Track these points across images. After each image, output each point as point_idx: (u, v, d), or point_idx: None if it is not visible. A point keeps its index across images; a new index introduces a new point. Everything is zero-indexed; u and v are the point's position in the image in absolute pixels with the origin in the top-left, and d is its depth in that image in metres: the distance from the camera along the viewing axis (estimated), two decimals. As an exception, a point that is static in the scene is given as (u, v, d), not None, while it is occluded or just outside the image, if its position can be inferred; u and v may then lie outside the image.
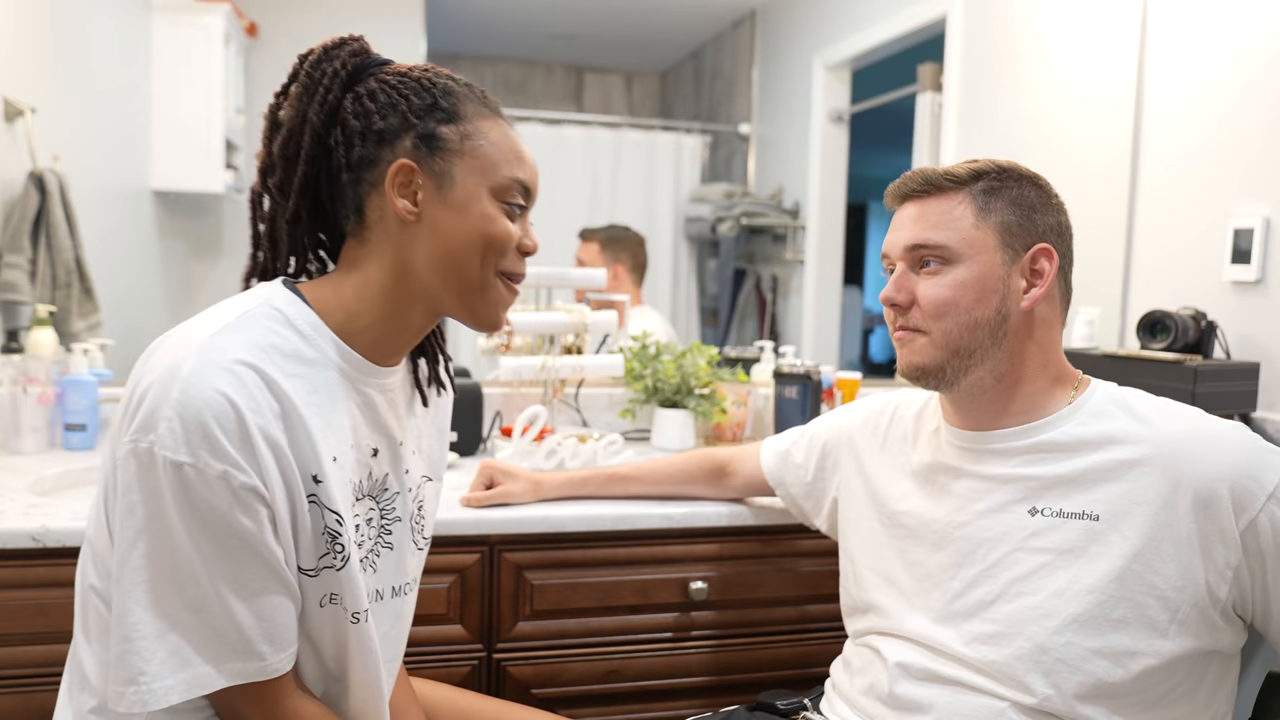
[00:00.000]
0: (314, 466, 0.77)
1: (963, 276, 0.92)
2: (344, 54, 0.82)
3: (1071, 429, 0.92)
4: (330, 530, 0.78)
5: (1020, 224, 0.94)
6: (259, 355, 0.75)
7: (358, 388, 0.82)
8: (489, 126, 0.82)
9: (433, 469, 0.95)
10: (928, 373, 0.95)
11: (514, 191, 0.82)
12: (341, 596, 0.80)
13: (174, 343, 0.75)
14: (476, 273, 0.81)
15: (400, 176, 0.79)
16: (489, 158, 0.81)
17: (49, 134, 1.72)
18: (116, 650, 0.72)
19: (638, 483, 1.35)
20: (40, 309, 1.62)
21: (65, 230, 1.70)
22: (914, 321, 0.95)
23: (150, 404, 0.71)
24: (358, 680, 0.83)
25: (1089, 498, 0.89)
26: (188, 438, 0.70)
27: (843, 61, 2.57)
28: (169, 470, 0.70)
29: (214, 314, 0.78)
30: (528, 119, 2.90)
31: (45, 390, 1.53)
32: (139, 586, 0.71)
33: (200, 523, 0.71)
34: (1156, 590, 0.85)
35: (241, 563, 0.73)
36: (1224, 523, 0.84)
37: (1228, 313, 1.58)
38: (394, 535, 0.87)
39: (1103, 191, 1.82)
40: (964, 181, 0.94)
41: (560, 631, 1.31)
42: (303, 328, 0.79)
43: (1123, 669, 0.85)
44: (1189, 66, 1.68)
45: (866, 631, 1.05)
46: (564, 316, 1.69)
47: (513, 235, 0.82)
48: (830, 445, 1.18)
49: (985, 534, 0.94)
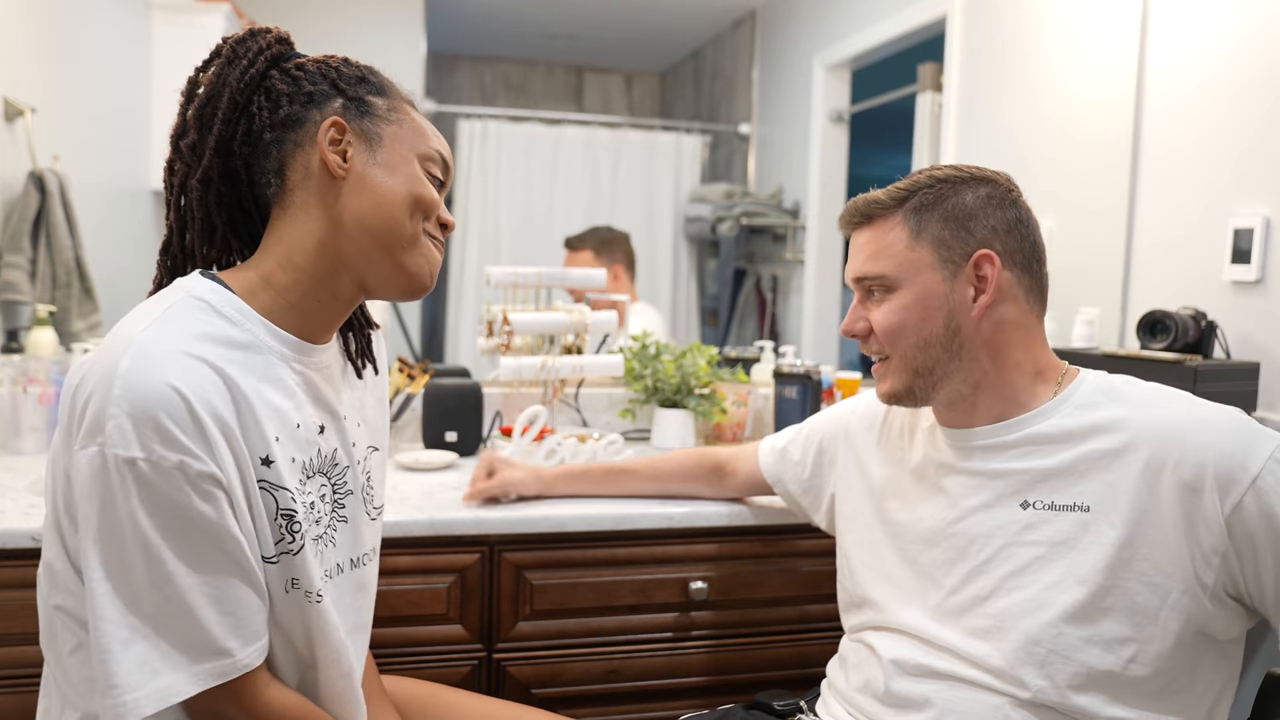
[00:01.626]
0: (262, 449, 0.76)
1: (905, 300, 0.95)
2: (270, 38, 0.85)
3: (1059, 421, 0.92)
4: (285, 512, 0.78)
5: (954, 236, 0.94)
6: (195, 343, 0.74)
7: (293, 367, 0.82)
8: (411, 111, 0.87)
9: (377, 439, 0.95)
10: (900, 396, 0.98)
11: (437, 164, 0.86)
12: (300, 580, 0.80)
13: (105, 347, 0.74)
14: (407, 227, 0.82)
15: (332, 132, 0.80)
16: (415, 129, 0.85)
17: (49, 134, 1.72)
18: (95, 661, 0.71)
19: (636, 477, 1.35)
20: (40, 309, 1.62)
21: (65, 230, 1.70)
22: (874, 348, 0.99)
23: (94, 408, 0.69)
24: (325, 659, 0.83)
25: (1079, 489, 0.89)
26: (138, 432, 0.69)
27: (843, 61, 2.57)
28: (121, 469, 0.68)
29: (138, 314, 0.77)
30: (528, 119, 2.90)
31: (45, 390, 1.53)
32: (102, 597, 0.70)
33: (160, 518, 0.70)
34: (1145, 576, 0.85)
35: (204, 555, 0.72)
36: (1208, 507, 0.83)
37: (1228, 313, 1.58)
38: (348, 509, 0.88)
39: (1103, 191, 1.82)
40: (892, 206, 0.96)
41: (560, 631, 1.31)
42: (229, 313, 0.78)
43: (1114, 656, 0.85)
44: (1189, 66, 1.68)
45: (862, 626, 1.05)
46: (564, 316, 1.68)
47: (437, 200, 0.85)
48: (827, 441, 1.18)
49: (978, 529, 0.94)
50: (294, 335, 0.82)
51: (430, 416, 1.63)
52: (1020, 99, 2.01)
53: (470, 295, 2.82)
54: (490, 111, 2.88)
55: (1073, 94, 1.89)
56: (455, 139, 2.82)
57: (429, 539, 1.25)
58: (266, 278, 0.81)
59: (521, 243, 2.84)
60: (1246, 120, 1.56)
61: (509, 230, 2.85)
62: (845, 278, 1.02)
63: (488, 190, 2.84)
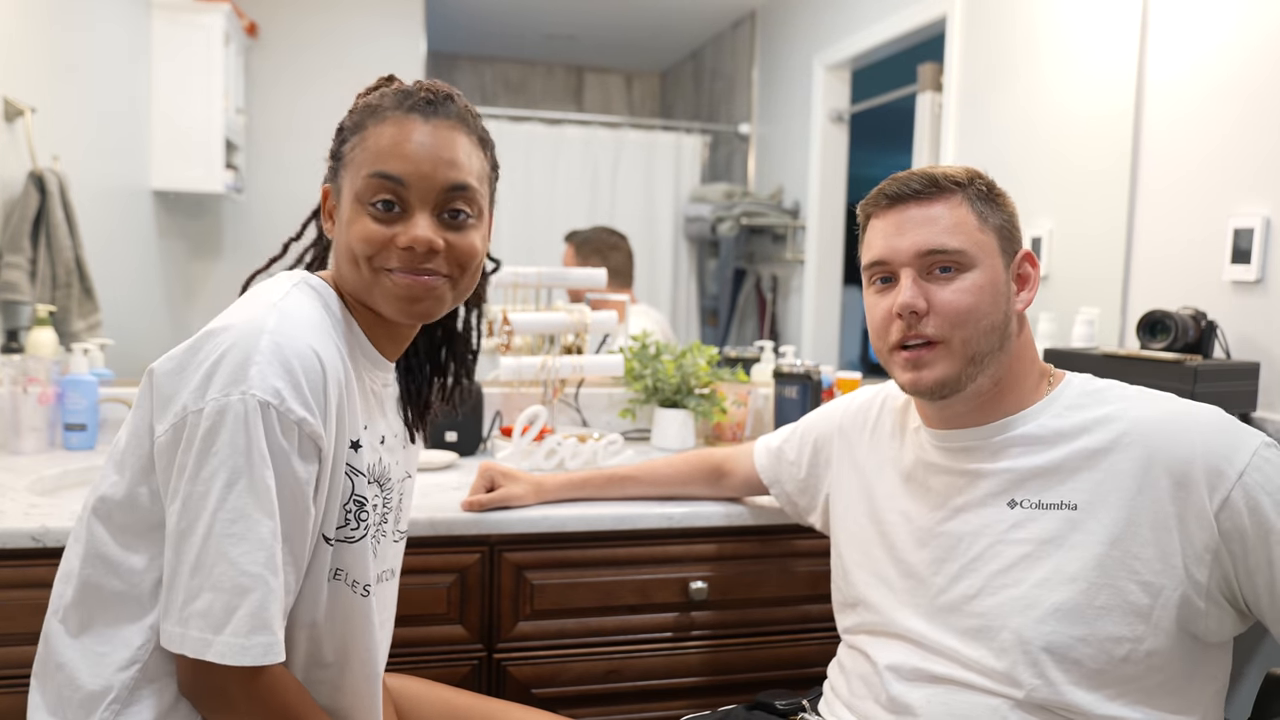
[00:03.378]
0: (354, 432, 0.81)
1: (980, 281, 0.91)
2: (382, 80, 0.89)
3: (1047, 421, 0.93)
4: (358, 497, 0.81)
5: (1009, 229, 0.95)
6: (322, 322, 0.80)
7: (372, 375, 0.87)
8: (386, 128, 0.81)
9: (411, 465, 0.99)
10: (946, 384, 0.91)
11: (370, 189, 0.80)
12: (348, 571, 0.82)
13: (237, 313, 0.77)
14: (358, 277, 0.83)
15: (325, 201, 0.87)
16: (358, 162, 0.81)
17: (49, 134, 1.71)
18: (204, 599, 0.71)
19: (637, 483, 1.35)
20: (40, 309, 1.62)
21: (65, 230, 1.70)
22: (929, 331, 0.91)
23: (235, 359, 0.73)
24: (358, 658, 0.85)
25: (1067, 487, 0.89)
26: (278, 381, 0.72)
27: (843, 61, 2.56)
28: (255, 411, 0.71)
29: (264, 290, 0.82)
30: (528, 119, 2.90)
31: (45, 390, 1.53)
32: (226, 538, 0.71)
33: (275, 463, 0.73)
34: (1137, 575, 0.85)
35: (289, 514, 0.75)
36: (1199, 504, 0.84)
37: (1228, 313, 1.58)
38: (387, 524, 0.91)
39: (1103, 191, 1.82)
40: (963, 184, 0.93)
41: (560, 631, 1.31)
42: (335, 309, 0.84)
43: (1107, 655, 0.85)
44: (1190, 65, 1.67)
45: (856, 629, 1.05)
46: (564, 316, 1.68)
47: (371, 236, 0.80)
48: (822, 440, 1.18)
49: (965, 528, 0.94)
50: (372, 346, 0.87)
51: None
52: (1020, 98, 2.01)
53: (470, 295, 2.82)
54: (490, 111, 2.86)
55: (1073, 92, 1.89)
56: (455, 139, 2.82)
57: (429, 539, 1.25)
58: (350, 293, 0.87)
59: (521, 243, 2.84)
60: (1247, 120, 1.56)
61: (509, 231, 2.84)
62: (888, 255, 0.93)
63: (488, 190, 2.83)
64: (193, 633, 0.72)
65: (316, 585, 0.80)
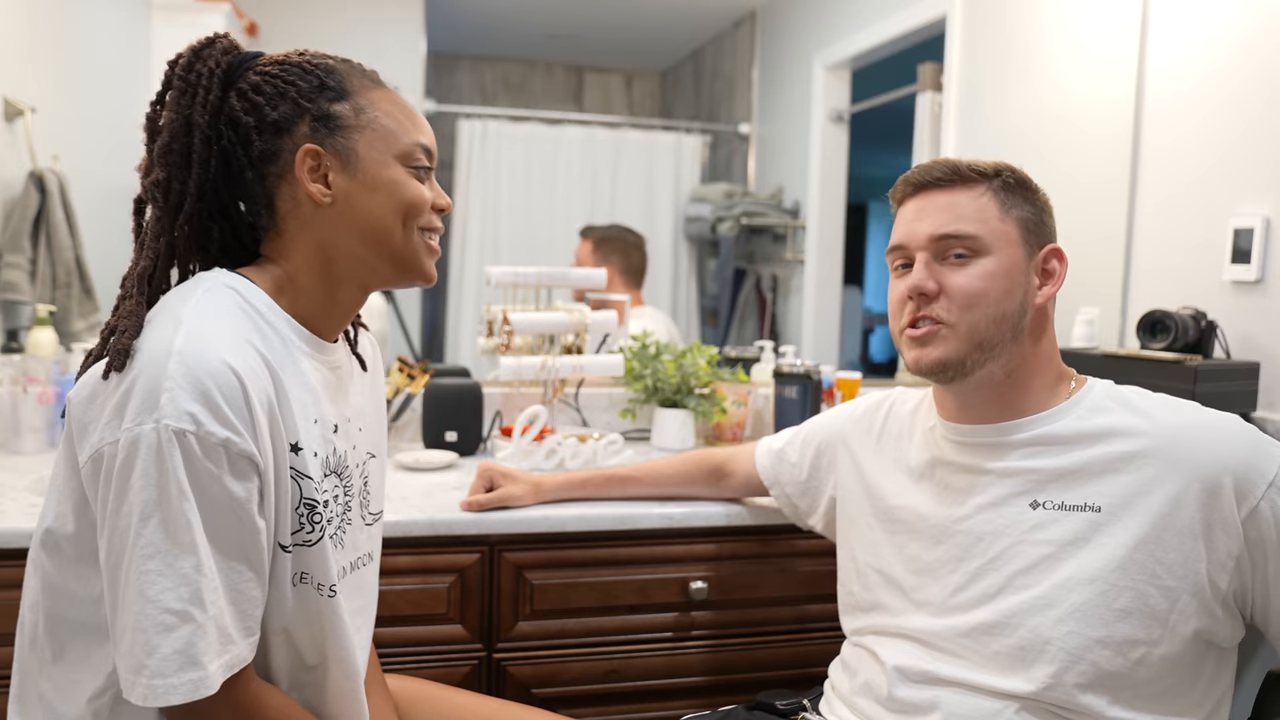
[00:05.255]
0: (293, 435, 0.78)
1: (992, 268, 0.92)
2: (215, 53, 0.81)
3: (1071, 423, 0.93)
4: (308, 501, 0.79)
5: (1036, 222, 0.96)
6: (238, 327, 0.75)
7: (312, 363, 0.83)
8: (379, 97, 0.84)
9: (375, 445, 0.95)
10: (948, 366, 0.92)
11: (417, 154, 0.84)
12: (311, 574, 0.80)
13: (149, 331, 0.74)
14: (400, 237, 0.83)
15: (309, 161, 0.80)
16: (387, 127, 0.83)
17: (49, 134, 1.71)
18: (123, 641, 0.70)
19: (637, 484, 1.35)
20: (40, 308, 1.62)
21: (65, 230, 1.70)
22: (938, 312, 0.92)
23: (146, 385, 0.70)
24: (335, 658, 0.83)
25: (1090, 490, 0.89)
26: (191, 406, 0.69)
27: (843, 61, 2.56)
28: (171, 441, 0.68)
29: (174, 299, 0.77)
30: (527, 119, 2.89)
31: (45, 390, 1.52)
32: (147, 575, 0.69)
33: (199, 495, 0.70)
34: (1158, 579, 0.85)
35: (228, 538, 0.72)
36: (1226, 511, 0.85)
37: (1228, 312, 1.58)
38: (351, 511, 0.88)
39: (1103, 191, 1.82)
40: (988, 175, 0.95)
41: (560, 631, 1.31)
42: (258, 305, 0.79)
43: (1123, 658, 0.85)
44: (1189, 65, 1.67)
45: (865, 631, 1.04)
46: (564, 316, 1.68)
47: (426, 197, 0.84)
48: (825, 444, 1.18)
49: (986, 528, 0.94)
50: (310, 331, 0.83)
51: (430, 416, 1.63)
52: (1020, 99, 2.00)
53: (470, 295, 2.82)
54: (490, 111, 2.87)
55: (1072, 93, 1.89)
56: (455, 139, 2.81)
57: (429, 539, 1.25)
58: (276, 284, 0.82)
59: (521, 243, 2.84)
60: (1247, 119, 1.56)
61: (509, 230, 2.84)
62: (906, 239, 0.95)
63: (487, 190, 2.83)
64: (124, 674, 0.70)
65: (281, 593, 0.79)
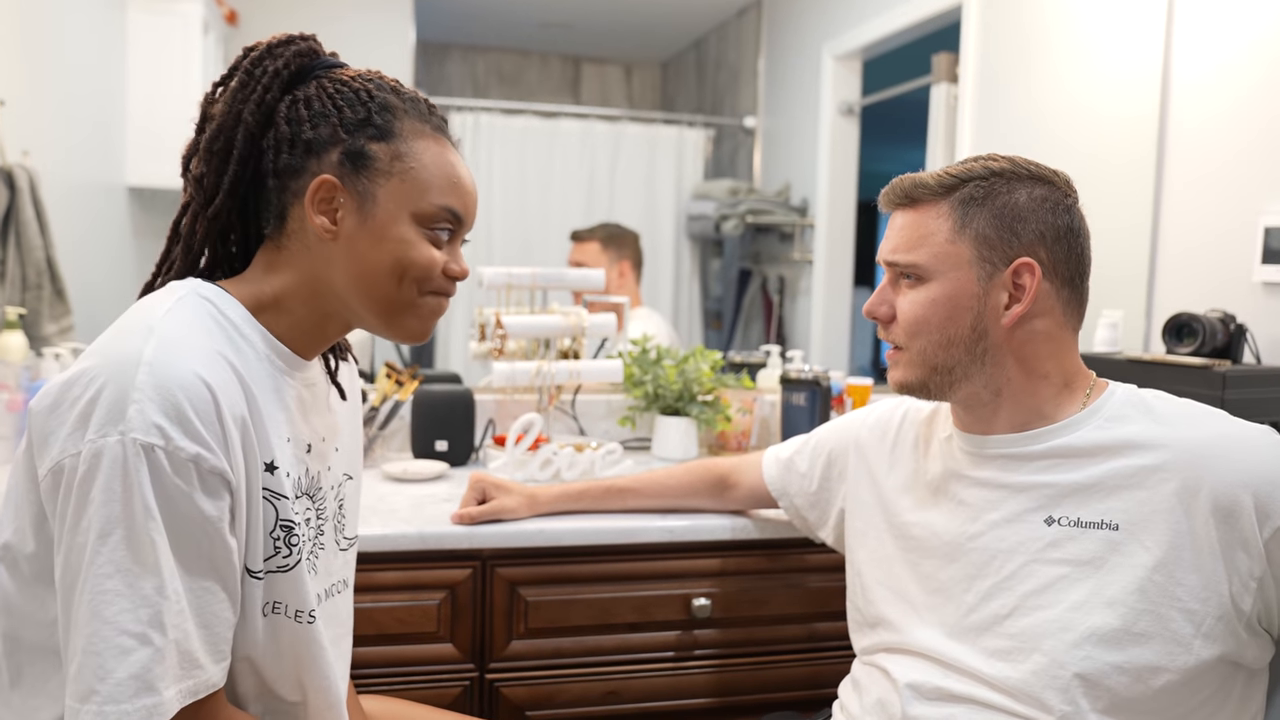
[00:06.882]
0: (267, 454, 0.77)
1: (934, 294, 0.93)
2: (289, 53, 0.81)
3: (1088, 434, 0.91)
4: (284, 523, 0.78)
5: (1000, 236, 0.91)
6: (212, 339, 0.75)
7: (287, 381, 0.82)
8: (424, 147, 0.82)
9: (351, 467, 0.95)
10: (912, 389, 0.97)
11: (440, 219, 0.82)
12: (286, 602, 0.79)
13: (113, 339, 0.73)
14: (395, 294, 0.81)
15: (321, 192, 0.79)
16: (418, 182, 0.81)
17: (19, 128, 1.70)
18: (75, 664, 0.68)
19: (636, 495, 1.34)
20: (9, 311, 1.60)
21: (36, 229, 1.70)
22: (894, 336, 0.97)
23: (112, 396, 0.68)
24: (315, 688, 0.83)
25: (1107, 505, 0.88)
26: (160, 419, 0.68)
27: (853, 51, 2.56)
28: (137, 455, 0.67)
29: (145, 307, 0.76)
30: (522, 111, 2.93)
31: (14, 396, 1.52)
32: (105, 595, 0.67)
33: (166, 512, 0.69)
34: (1180, 602, 0.84)
35: (197, 557, 0.71)
36: (1247, 531, 0.83)
37: (1258, 315, 1.56)
38: (325, 535, 0.87)
39: (1127, 188, 1.81)
40: (940, 193, 0.93)
41: (556, 651, 1.29)
42: (234, 318, 0.79)
43: (1143, 685, 0.84)
44: (1217, 57, 1.65)
45: (875, 648, 1.03)
46: (560, 319, 1.68)
47: (434, 262, 0.82)
48: (836, 453, 1.16)
49: (1000, 545, 0.92)
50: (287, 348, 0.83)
51: (420, 425, 1.63)
52: (1038, 91, 1.99)
53: (461, 297, 2.80)
54: (482, 104, 2.88)
55: (1095, 85, 1.88)
56: (448, 133, 2.81)
57: (418, 553, 1.23)
58: (260, 297, 0.81)
59: (515, 242, 2.85)
60: (1278, 114, 1.53)
61: (502, 229, 2.86)
62: (878, 256, 0.99)
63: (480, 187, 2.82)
64: (70, 701, 0.68)
65: (250, 623, 0.77)
